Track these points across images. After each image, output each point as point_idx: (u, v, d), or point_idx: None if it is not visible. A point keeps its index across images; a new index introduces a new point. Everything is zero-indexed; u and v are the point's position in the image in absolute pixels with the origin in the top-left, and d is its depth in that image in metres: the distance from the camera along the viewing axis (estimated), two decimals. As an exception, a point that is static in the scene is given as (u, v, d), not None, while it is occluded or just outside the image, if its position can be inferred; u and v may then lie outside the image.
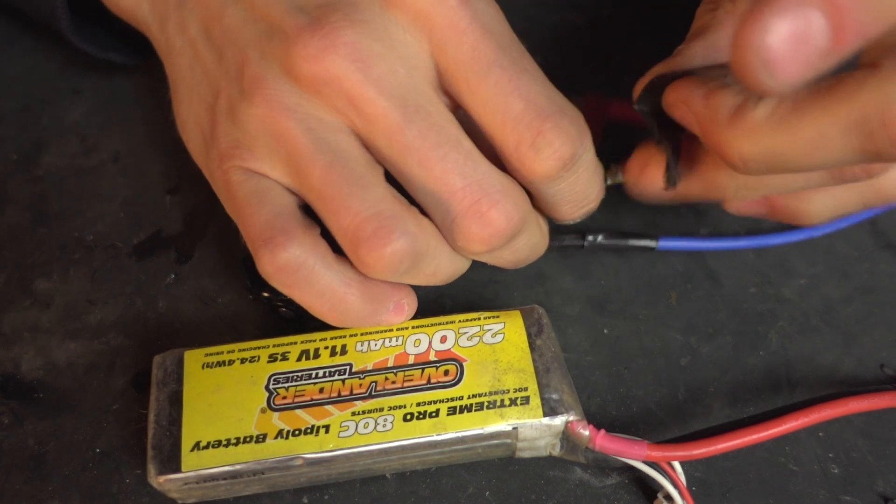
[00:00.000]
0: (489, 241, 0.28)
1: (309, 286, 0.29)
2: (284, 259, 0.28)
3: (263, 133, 0.29)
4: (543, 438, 0.30)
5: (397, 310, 0.31)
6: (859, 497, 0.32)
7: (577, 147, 0.28)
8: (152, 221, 0.39)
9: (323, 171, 0.28)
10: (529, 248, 0.31)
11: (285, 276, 0.29)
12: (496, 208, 0.28)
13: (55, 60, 0.44)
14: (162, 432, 0.29)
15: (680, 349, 0.35)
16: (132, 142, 0.41)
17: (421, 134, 0.27)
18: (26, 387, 0.34)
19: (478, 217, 0.28)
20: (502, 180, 0.28)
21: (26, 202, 0.39)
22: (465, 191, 0.28)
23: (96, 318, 0.36)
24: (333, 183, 0.28)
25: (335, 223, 0.28)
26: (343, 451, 0.29)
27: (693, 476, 0.32)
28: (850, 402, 0.31)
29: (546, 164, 0.28)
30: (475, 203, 0.28)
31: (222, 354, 0.31)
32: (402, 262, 0.28)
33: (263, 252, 0.28)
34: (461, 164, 0.28)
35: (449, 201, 0.28)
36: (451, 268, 0.31)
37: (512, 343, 0.31)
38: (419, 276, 0.30)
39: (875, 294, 0.37)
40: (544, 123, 0.27)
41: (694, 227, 0.39)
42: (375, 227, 0.27)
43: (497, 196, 0.28)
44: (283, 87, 0.28)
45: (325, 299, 0.29)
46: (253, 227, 0.29)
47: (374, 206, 0.28)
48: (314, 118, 0.28)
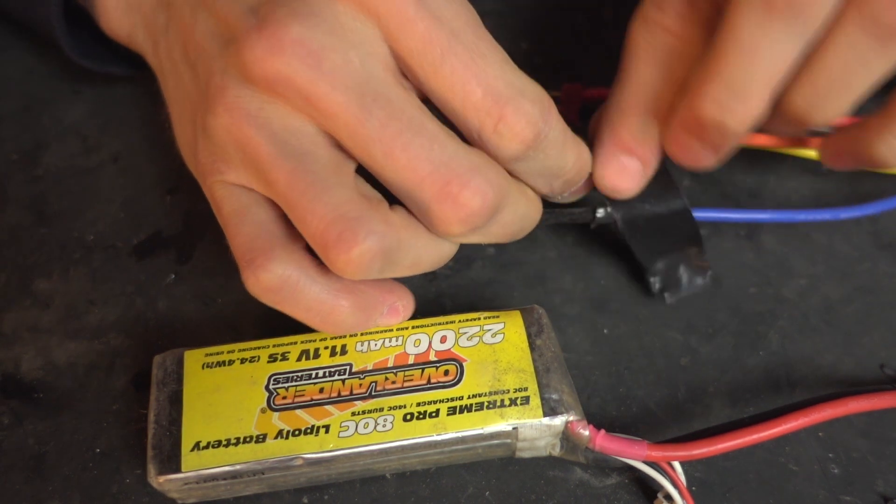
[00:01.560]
0: (467, 221, 0.27)
1: (297, 302, 0.29)
2: (267, 279, 0.28)
3: (230, 143, 0.28)
4: (543, 438, 0.30)
5: (391, 313, 0.31)
6: (859, 497, 0.32)
7: (540, 127, 0.27)
8: (152, 221, 0.39)
9: (287, 176, 0.27)
10: (519, 219, 0.30)
11: (272, 294, 0.28)
12: (468, 188, 0.27)
13: (55, 60, 0.44)
14: (162, 432, 0.29)
15: (680, 349, 0.35)
16: (132, 142, 0.41)
17: (382, 124, 0.27)
18: (26, 387, 0.34)
19: (450, 200, 0.27)
20: (472, 158, 0.27)
21: (26, 202, 0.39)
22: (433, 175, 0.27)
23: (96, 318, 0.36)
24: (297, 188, 0.27)
25: (304, 229, 0.28)
26: (343, 451, 0.29)
27: (693, 476, 0.32)
28: (850, 402, 0.31)
29: (510, 148, 0.28)
30: (445, 186, 0.27)
31: (222, 354, 0.31)
32: (373, 261, 0.27)
33: (248, 273, 0.28)
34: (427, 149, 0.27)
35: (419, 188, 0.27)
36: (433, 255, 0.30)
37: (512, 343, 0.31)
38: (399, 269, 0.29)
39: (875, 294, 0.37)
40: (504, 108, 0.27)
41: (694, 227, 0.39)
42: (340, 231, 0.27)
43: (467, 176, 0.27)
44: (244, 94, 0.28)
45: (314, 312, 0.29)
46: (236, 248, 0.29)
47: (336, 208, 0.27)
48: (277, 122, 0.28)
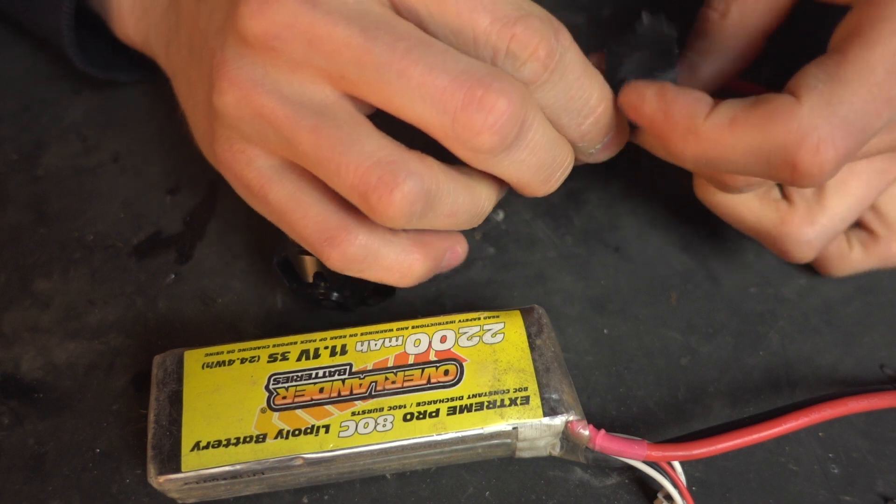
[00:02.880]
0: (497, 127, 0.26)
1: (378, 265, 0.30)
2: (353, 252, 0.29)
3: (244, 118, 0.28)
4: (543, 438, 0.30)
5: (452, 256, 0.32)
6: (859, 497, 0.32)
7: (553, 43, 0.27)
8: (152, 221, 0.39)
9: (311, 136, 0.27)
10: (550, 146, 0.29)
11: (356, 264, 0.29)
12: (492, 90, 0.26)
13: (55, 60, 0.44)
14: (162, 432, 0.29)
15: (680, 349, 0.35)
16: (132, 142, 0.41)
17: (389, 46, 0.26)
18: (26, 387, 0.34)
19: (476, 104, 0.26)
20: (488, 67, 0.26)
21: (26, 202, 0.39)
22: (454, 84, 0.26)
23: (96, 318, 0.36)
24: (324, 145, 0.27)
25: (339, 183, 0.27)
26: (343, 451, 0.29)
27: (693, 476, 0.32)
28: (850, 402, 0.31)
29: (527, 69, 0.27)
30: (469, 91, 0.26)
31: (222, 354, 0.31)
32: (415, 202, 0.27)
33: (330, 251, 0.29)
34: (441, 61, 0.26)
35: (441, 101, 0.26)
36: (470, 204, 0.30)
37: (512, 343, 0.31)
38: (439, 218, 0.29)
39: (875, 294, 0.37)
40: (514, 28, 0.26)
41: (694, 228, 0.39)
42: (380, 175, 0.26)
43: (488, 79, 0.26)
44: (245, 63, 0.28)
45: (394, 271, 0.30)
46: (307, 229, 0.29)
47: (372, 155, 0.27)
48: (284, 83, 0.27)
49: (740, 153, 0.27)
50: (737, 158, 0.27)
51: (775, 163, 0.27)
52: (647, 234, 0.39)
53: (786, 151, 0.26)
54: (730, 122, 0.27)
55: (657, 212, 0.39)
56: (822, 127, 0.26)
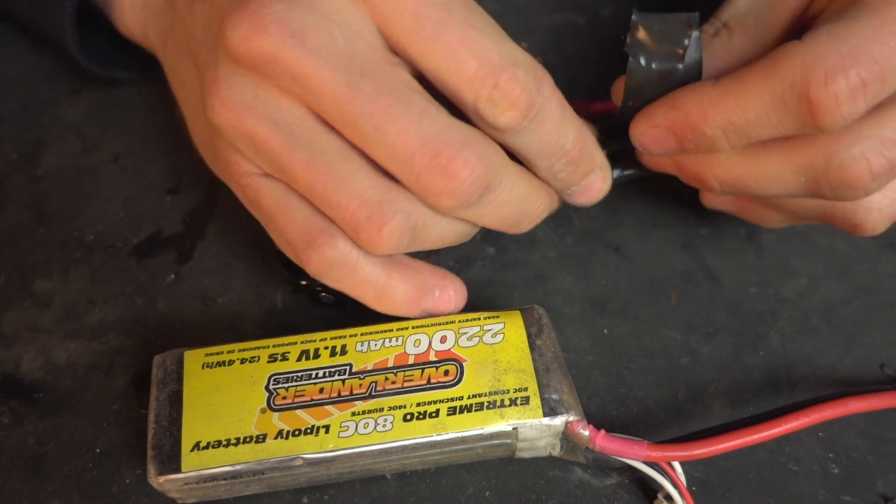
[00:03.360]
0: (456, 193, 0.27)
1: (355, 277, 0.30)
2: (332, 256, 0.29)
3: (238, 137, 0.29)
4: (543, 438, 0.30)
5: (443, 298, 0.32)
6: (859, 497, 0.32)
7: (534, 95, 0.27)
8: (152, 221, 0.39)
9: (304, 169, 0.28)
10: (517, 201, 0.30)
11: (333, 271, 0.30)
12: (456, 159, 0.27)
13: (55, 60, 0.44)
14: (162, 432, 0.29)
15: (680, 349, 0.35)
16: (132, 142, 0.41)
17: (370, 99, 0.27)
18: (26, 387, 0.34)
19: (439, 171, 0.27)
20: (464, 132, 0.27)
21: (26, 202, 0.39)
22: (423, 148, 0.27)
23: (96, 318, 0.36)
24: (318, 181, 0.28)
25: (331, 215, 0.29)
26: (343, 451, 0.29)
27: (693, 476, 0.32)
28: (850, 402, 0.31)
29: (506, 116, 0.27)
30: (434, 157, 0.27)
31: (222, 354, 0.31)
32: (402, 237, 0.28)
33: (310, 253, 0.29)
34: (416, 123, 0.27)
35: (410, 161, 0.27)
36: (454, 231, 0.31)
37: (512, 343, 0.31)
38: (427, 244, 0.30)
39: (875, 294, 0.37)
40: (499, 77, 0.27)
41: (694, 228, 0.39)
42: (368, 214, 0.28)
43: (456, 147, 0.27)
44: (236, 82, 0.28)
45: (369, 287, 0.30)
46: (292, 232, 0.29)
47: (361, 194, 0.28)
48: (274, 107, 0.28)
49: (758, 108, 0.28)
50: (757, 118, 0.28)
51: (792, 106, 0.27)
52: (647, 234, 0.39)
53: (796, 90, 0.27)
54: (737, 79, 0.28)
55: (657, 212, 0.39)
56: (829, 57, 0.26)
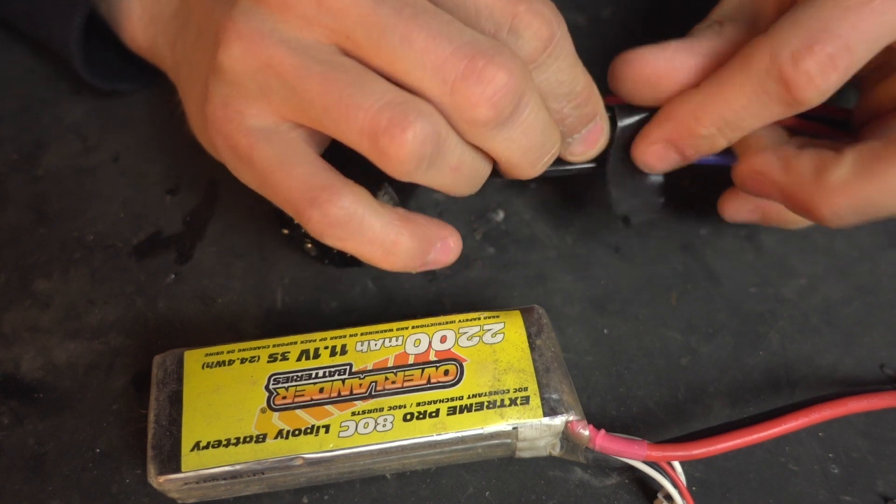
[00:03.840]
0: (493, 100, 0.26)
1: (361, 235, 0.29)
2: (335, 214, 0.28)
3: (249, 70, 0.28)
4: (543, 438, 0.30)
5: (444, 248, 0.31)
6: (859, 497, 0.32)
7: (555, 27, 0.28)
8: (152, 221, 0.39)
9: (320, 82, 0.27)
10: (542, 128, 0.29)
11: (338, 229, 0.28)
12: (493, 63, 0.26)
13: (55, 60, 0.44)
14: (162, 432, 0.29)
15: (680, 349, 0.35)
16: (132, 142, 0.41)
17: (395, 10, 0.26)
18: (26, 387, 0.34)
19: (476, 76, 0.26)
20: (493, 41, 0.27)
21: (26, 202, 0.39)
22: (456, 53, 0.26)
23: (96, 318, 0.36)
24: (334, 90, 0.27)
25: (348, 127, 0.27)
26: (343, 451, 0.29)
27: (693, 476, 0.32)
28: (850, 402, 0.31)
29: (528, 47, 0.27)
30: (470, 62, 0.26)
31: (222, 354, 0.31)
32: (426, 144, 0.27)
33: (313, 211, 0.28)
34: (445, 29, 0.26)
35: (442, 68, 0.26)
36: (472, 161, 0.29)
37: (512, 343, 0.31)
38: (444, 171, 0.29)
39: (875, 294, 0.37)
40: (518, 6, 0.27)
41: (694, 228, 0.39)
42: (391, 115, 0.26)
43: (491, 52, 0.26)
44: (254, 16, 0.28)
45: (377, 245, 0.29)
46: (291, 189, 0.28)
47: (382, 96, 0.26)
48: (292, 37, 0.28)
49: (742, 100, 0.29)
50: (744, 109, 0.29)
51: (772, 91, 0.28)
52: (647, 234, 0.39)
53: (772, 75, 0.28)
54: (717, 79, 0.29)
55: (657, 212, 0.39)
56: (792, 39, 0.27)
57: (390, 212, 0.29)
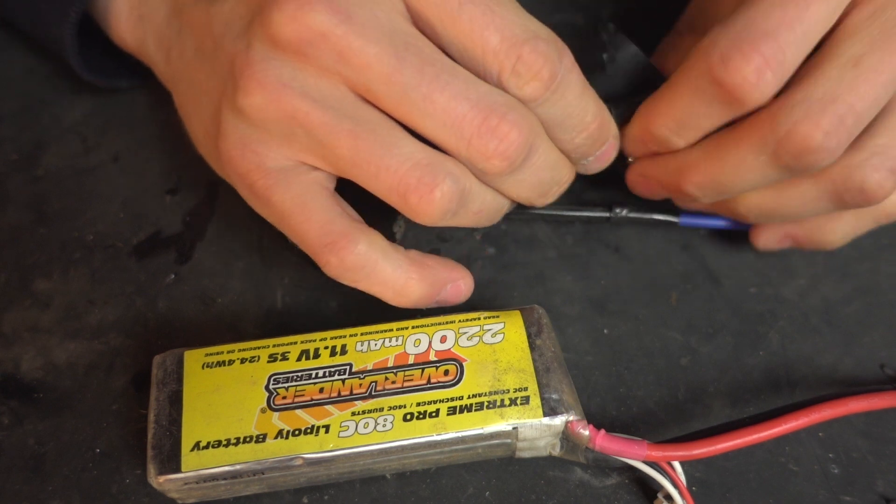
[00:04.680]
0: (506, 154, 0.28)
1: (374, 278, 0.30)
2: (352, 260, 0.29)
3: (272, 120, 0.29)
4: (543, 438, 0.30)
5: (454, 290, 0.32)
6: (859, 497, 0.32)
7: (556, 66, 0.28)
8: (152, 221, 0.39)
9: (349, 140, 0.28)
10: (550, 168, 0.31)
11: (353, 273, 0.30)
12: (506, 120, 0.28)
13: (55, 60, 0.44)
14: (162, 432, 0.29)
15: (680, 349, 0.35)
16: (132, 142, 0.41)
17: (417, 70, 0.27)
18: (26, 387, 0.34)
19: (490, 132, 0.28)
20: (504, 95, 0.29)
21: (26, 202, 0.39)
22: (473, 111, 0.28)
23: (96, 318, 0.36)
24: (363, 149, 0.28)
25: (377, 185, 0.29)
26: (343, 451, 0.29)
27: (693, 476, 0.32)
28: (850, 402, 0.31)
29: (530, 87, 0.28)
30: (486, 120, 0.28)
31: (222, 354, 0.31)
32: (452, 201, 0.29)
33: (330, 257, 0.29)
34: (464, 89, 0.28)
35: (460, 126, 0.28)
36: (493, 202, 0.32)
37: (512, 343, 0.31)
38: (468, 216, 0.31)
39: (875, 294, 0.37)
40: (521, 49, 0.28)
41: (694, 228, 0.39)
42: (419, 176, 0.28)
43: (503, 109, 0.28)
44: (274, 65, 0.28)
45: (388, 286, 0.31)
46: (309, 234, 0.30)
47: (410, 157, 0.28)
48: (312, 86, 0.28)
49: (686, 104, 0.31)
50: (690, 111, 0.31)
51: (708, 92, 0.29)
52: (647, 234, 0.39)
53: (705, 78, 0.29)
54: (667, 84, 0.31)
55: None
56: (720, 41, 0.29)
57: (402, 256, 0.31)
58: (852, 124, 0.28)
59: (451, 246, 0.38)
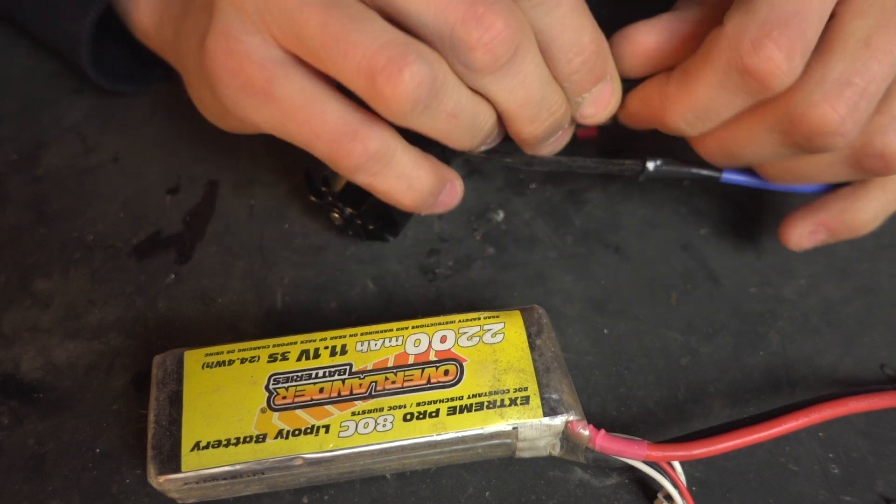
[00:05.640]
0: (491, 46, 0.27)
1: (391, 170, 0.30)
2: (375, 148, 0.28)
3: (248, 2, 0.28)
4: (543, 438, 0.30)
5: (451, 190, 0.32)
6: (859, 497, 0.31)
7: None
8: (152, 221, 0.39)
9: (320, 15, 0.27)
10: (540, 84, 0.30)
11: (374, 163, 0.29)
12: (492, 10, 0.27)
13: (55, 60, 0.44)
14: (162, 432, 0.29)
15: (680, 349, 0.35)
16: (132, 142, 0.41)
17: None
18: (26, 387, 0.34)
19: (474, 21, 0.27)
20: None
21: (26, 202, 0.39)
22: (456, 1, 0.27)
23: (96, 318, 0.36)
24: (334, 24, 0.27)
25: (345, 64, 0.27)
26: (343, 450, 0.29)
27: (693, 476, 0.32)
28: (850, 402, 0.31)
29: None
30: (470, 7, 0.27)
31: (222, 354, 0.31)
32: (421, 86, 0.27)
33: (354, 144, 0.28)
34: None
35: (444, 12, 0.27)
36: (472, 109, 0.29)
37: (512, 343, 0.31)
38: (441, 116, 0.29)
39: (875, 294, 0.37)
40: None
41: (694, 228, 0.39)
42: (389, 55, 0.26)
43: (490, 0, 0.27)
44: None
45: (403, 180, 0.30)
46: (326, 125, 0.28)
47: (381, 35, 0.27)
48: None
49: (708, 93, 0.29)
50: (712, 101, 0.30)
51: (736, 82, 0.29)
52: (647, 234, 0.39)
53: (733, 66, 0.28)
54: (683, 73, 0.30)
55: (657, 212, 0.39)
56: (749, 28, 0.28)
57: (415, 149, 0.30)
58: (866, 106, 0.29)
59: (451, 246, 0.38)
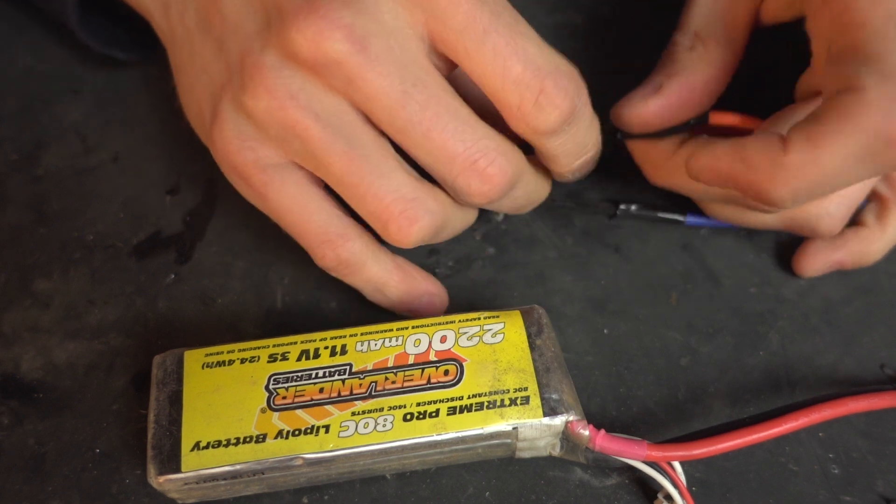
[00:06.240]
0: (489, 194, 0.31)
1: (361, 274, 0.33)
2: (346, 257, 0.32)
3: (273, 125, 0.30)
4: (543, 438, 0.30)
5: (428, 304, 0.35)
6: (859, 497, 0.32)
7: (576, 101, 0.29)
8: (152, 221, 0.39)
9: (342, 161, 0.30)
10: (527, 197, 0.34)
11: (343, 268, 0.33)
12: (493, 166, 0.30)
13: (55, 60, 0.44)
14: (162, 432, 0.29)
15: (680, 349, 0.35)
16: (132, 142, 0.41)
17: (421, 108, 0.29)
18: (26, 387, 0.34)
19: (477, 175, 0.30)
20: (497, 140, 0.30)
21: (26, 202, 0.39)
22: (465, 154, 0.30)
23: (96, 318, 0.36)
24: (354, 173, 0.30)
25: (362, 207, 0.31)
26: (343, 451, 0.29)
27: (693, 476, 0.32)
28: (850, 402, 0.31)
29: (549, 121, 0.29)
30: (474, 163, 0.30)
31: (222, 354, 0.31)
32: (427, 234, 0.31)
33: (325, 251, 0.32)
34: (460, 132, 0.29)
35: (451, 163, 0.30)
36: (462, 224, 0.34)
37: (512, 343, 0.31)
38: (441, 240, 0.33)
39: (875, 294, 0.37)
40: (544, 82, 0.29)
41: (694, 228, 0.39)
42: (402, 210, 0.30)
43: (493, 155, 0.30)
44: (285, 74, 0.29)
45: (372, 283, 0.34)
46: (308, 232, 0.32)
47: (396, 190, 0.30)
48: (317, 101, 0.29)
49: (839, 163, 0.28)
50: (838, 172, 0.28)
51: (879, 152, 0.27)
52: (647, 234, 0.39)
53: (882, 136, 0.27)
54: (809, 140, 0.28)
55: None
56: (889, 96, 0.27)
57: (390, 260, 0.34)
58: None
59: (450, 246, 0.38)
